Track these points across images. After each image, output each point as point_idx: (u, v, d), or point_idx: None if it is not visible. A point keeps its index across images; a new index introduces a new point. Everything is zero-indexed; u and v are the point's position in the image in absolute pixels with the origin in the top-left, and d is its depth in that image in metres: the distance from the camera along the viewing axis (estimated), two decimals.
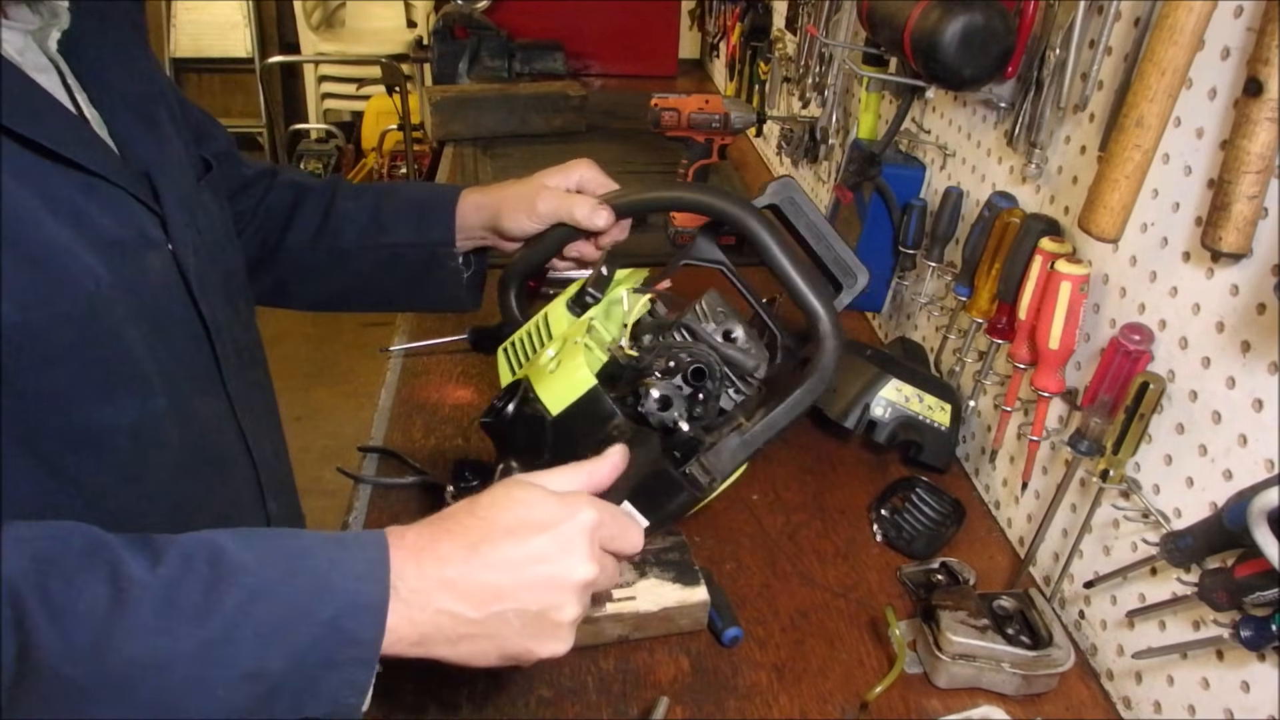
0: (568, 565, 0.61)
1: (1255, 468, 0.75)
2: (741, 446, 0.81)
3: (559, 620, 0.62)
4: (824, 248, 0.94)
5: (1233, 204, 0.71)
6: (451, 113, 2.30)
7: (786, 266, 0.84)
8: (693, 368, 0.81)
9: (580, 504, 0.63)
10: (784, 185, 0.94)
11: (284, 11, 4.54)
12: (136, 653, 0.52)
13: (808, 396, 0.81)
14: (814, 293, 0.84)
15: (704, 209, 0.89)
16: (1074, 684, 0.92)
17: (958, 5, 1.01)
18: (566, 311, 0.89)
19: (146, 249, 0.74)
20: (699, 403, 0.82)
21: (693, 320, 0.86)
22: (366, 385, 3.39)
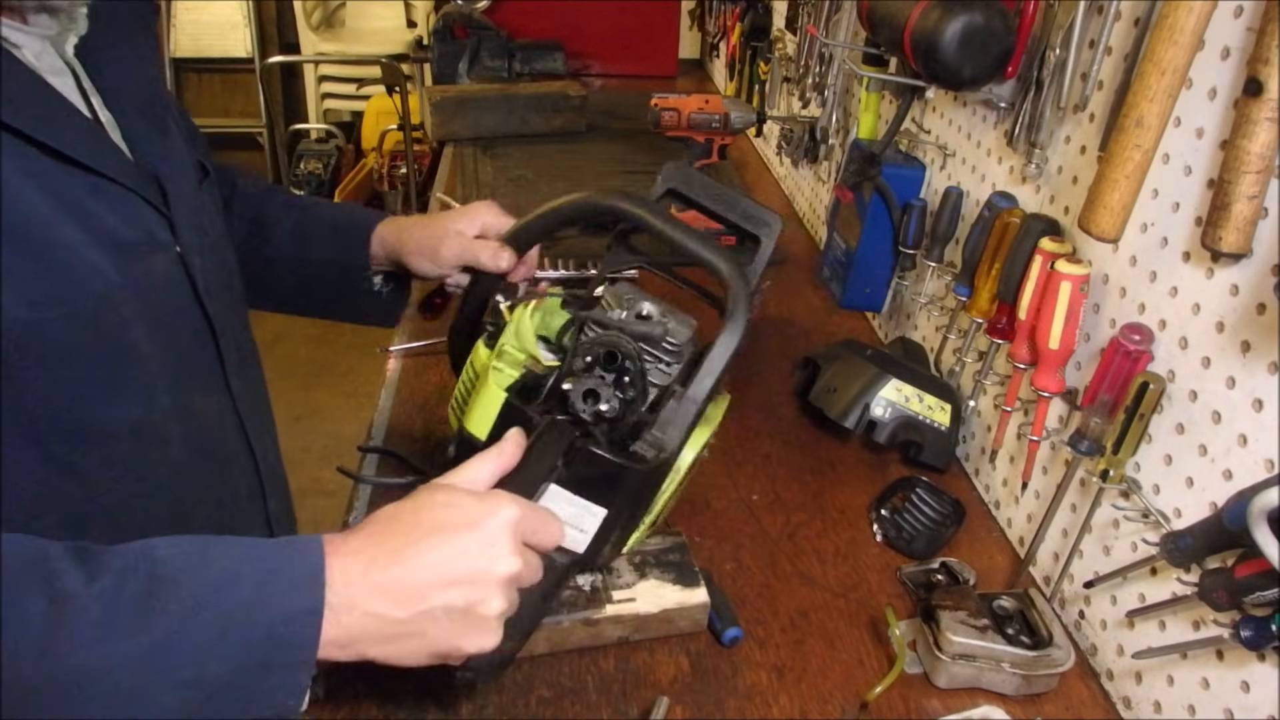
0: (490, 560, 0.63)
1: (1255, 468, 0.75)
2: (681, 409, 0.81)
3: (485, 614, 0.63)
4: (729, 208, 0.97)
5: (1233, 204, 0.71)
6: (451, 113, 2.30)
7: (673, 233, 0.87)
8: (605, 352, 0.82)
9: (500, 502, 0.65)
10: (670, 167, 0.99)
11: (284, 11, 4.54)
12: (76, 663, 0.53)
13: (731, 340, 0.82)
14: (706, 247, 0.86)
15: (587, 209, 0.92)
16: (1074, 684, 0.92)
17: (958, 5, 1.01)
18: (484, 348, 0.91)
19: (154, 250, 0.76)
20: (626, 385, 0.82)
21: (598, 313, 0.88)
22: (366, 385, 3.39)
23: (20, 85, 0.66)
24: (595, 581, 0.93)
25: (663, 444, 0.81)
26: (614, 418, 0.80)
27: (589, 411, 0.80)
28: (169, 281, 0.77)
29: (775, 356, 1.44)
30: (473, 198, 1.94)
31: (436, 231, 1.03)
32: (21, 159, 0.64)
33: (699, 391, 0.81)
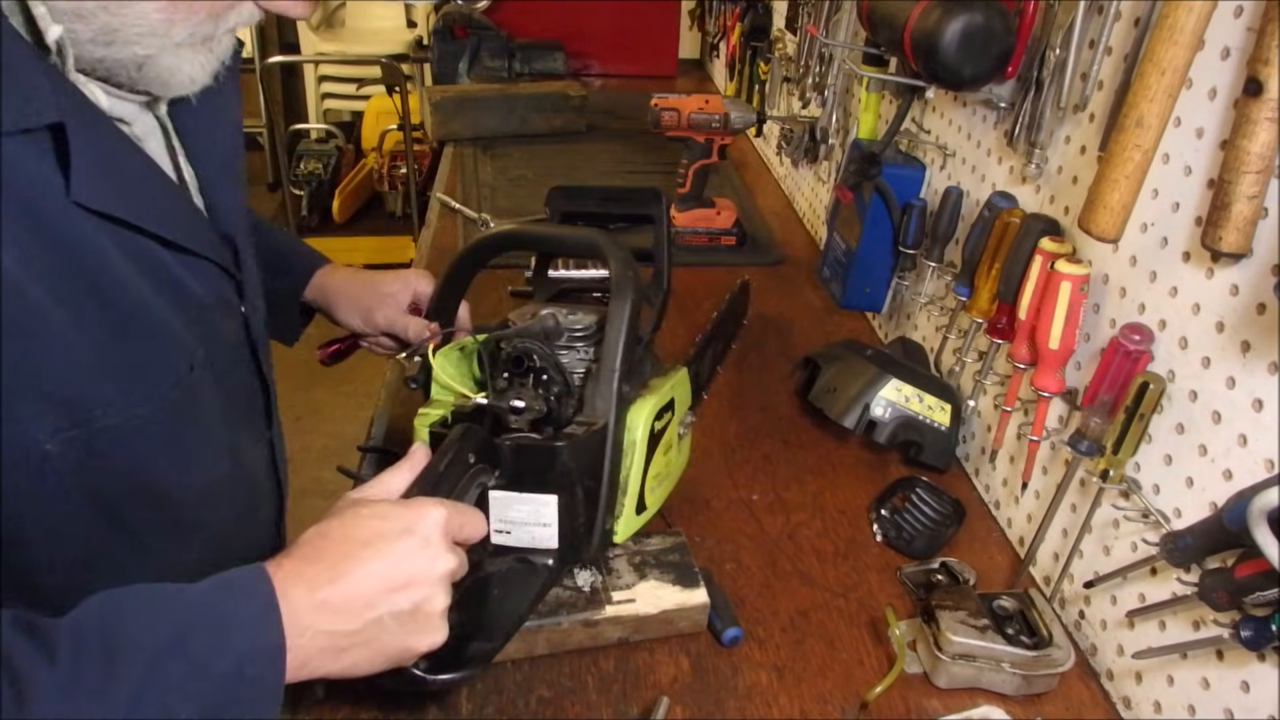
0: (429, 561, 0.65)
1: (1255, 468, 0.75)
2: (600, 381, 0.84)
3: (430, 612, 0.66)
4: (615, 202, 1.06)
5: (1233, 204, 0.71)
6: (451, 113, 2.30)
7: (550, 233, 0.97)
8: (512, 356, 0.85)
9: (426, 505, 0.68)
10: (553, 194, 1.07)
11: None
12: None
13: (622, 306, 0.85)
14: (575, 233, 0.96)
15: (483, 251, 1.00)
16: (1074, 684, 0.92)
17: (958, 5, 1.01)
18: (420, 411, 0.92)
19: (226, 313, 0.79)
20: (547, 383, 0.85)
21: (500, 329, 0.92)
22: (366, 385, 3.38)
23: (126, 174, 0.67)
24: (595, 582, 0.93)
25: (592, 418, 0.83)
26: (547, 415, 0.83)
27: (522, 421, 0.82)
28: (234, 344, 0.80)
29: (775, 356, 1.44)
30: (473, 198, 1.94)
31: (372, 293, 1.11)
32: (121, 239, 0.65)
33: (609, 360, 0.84)
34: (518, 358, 0.86)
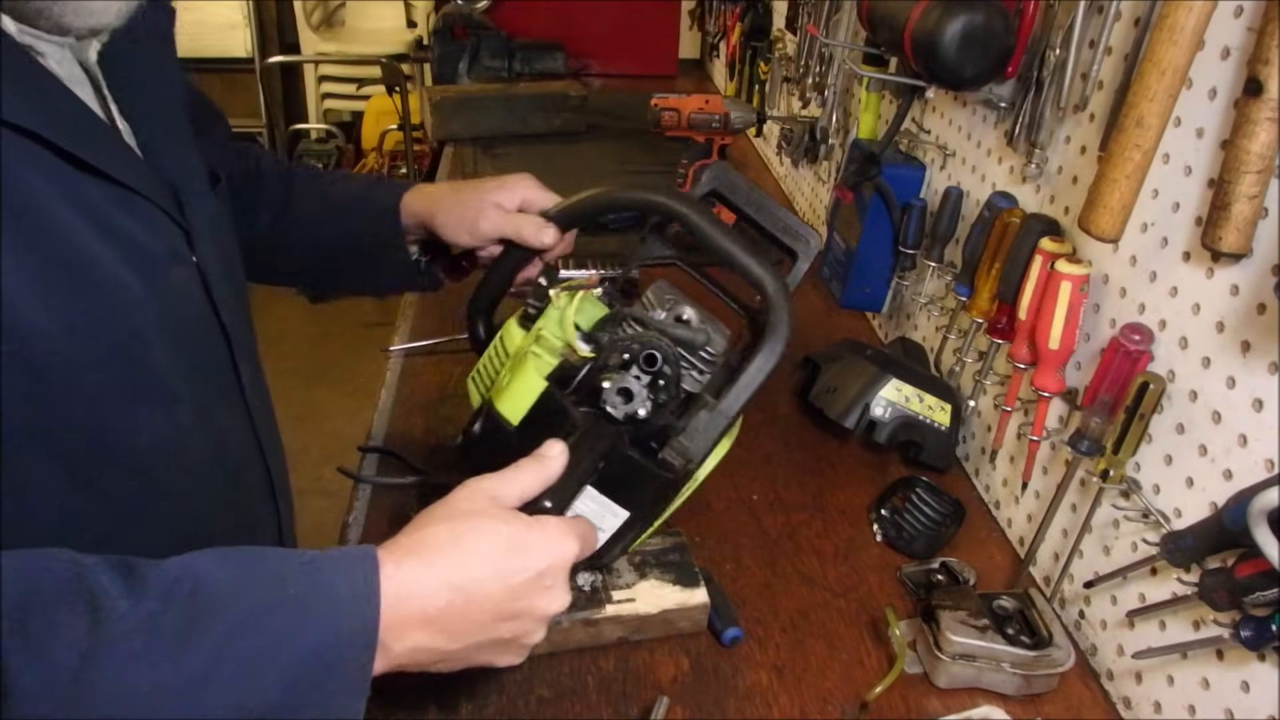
0: (545, 603, 0.64)
1: (1255, 468, 0.75)
2: (711, 422, 0.81)
3: (526, 644, 0.66)
4: (769, 218, 0.96)
5: (1233, 204, 0.71)
6: (451, 113, 2.30)
7: (723, 241, 0.86)
8: (644, 354, 0.82)
9: (559, 539, 0.65)
10: (717, 168, 0.97)
11: (284, 11, 4.54)
12: (117, 690, 0.51)
13: (769, 360, 0.82)
14: (755, 260, 0.85)
15: (638, 205, 0.91)
16: (1074, 684, 0.92)
17: (958, 5, 1.01)
18: (519, 328, 0.90)
19: (174, 263, 0.75)
20: (660, 389, 0.82)
21: (639, 310, 0.88)
22: (366, 385, 3.38)
23: (47, 96, 0.65)
24: (595, 581, 0.93)
25: (689, 453, 0.81)
26: (642, 419, 0.81)
27: (621, 410, 0.80)
28: (187, 294, 0.77)
29: None
30: None
31: (473, 203, 1.00)
32: (50, 171, 0.63)
33: (731, 406, 0.81)
34: (651, 355, 0.83)
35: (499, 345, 0.91)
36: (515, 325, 0.90)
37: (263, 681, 0.54)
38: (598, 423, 0.78)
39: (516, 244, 0.97)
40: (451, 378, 1.36)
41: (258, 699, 0.54)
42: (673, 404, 0.83)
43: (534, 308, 0.89)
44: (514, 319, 0.91)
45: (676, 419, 0.82)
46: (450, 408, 1.28)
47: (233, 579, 0.56)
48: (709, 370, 0.87)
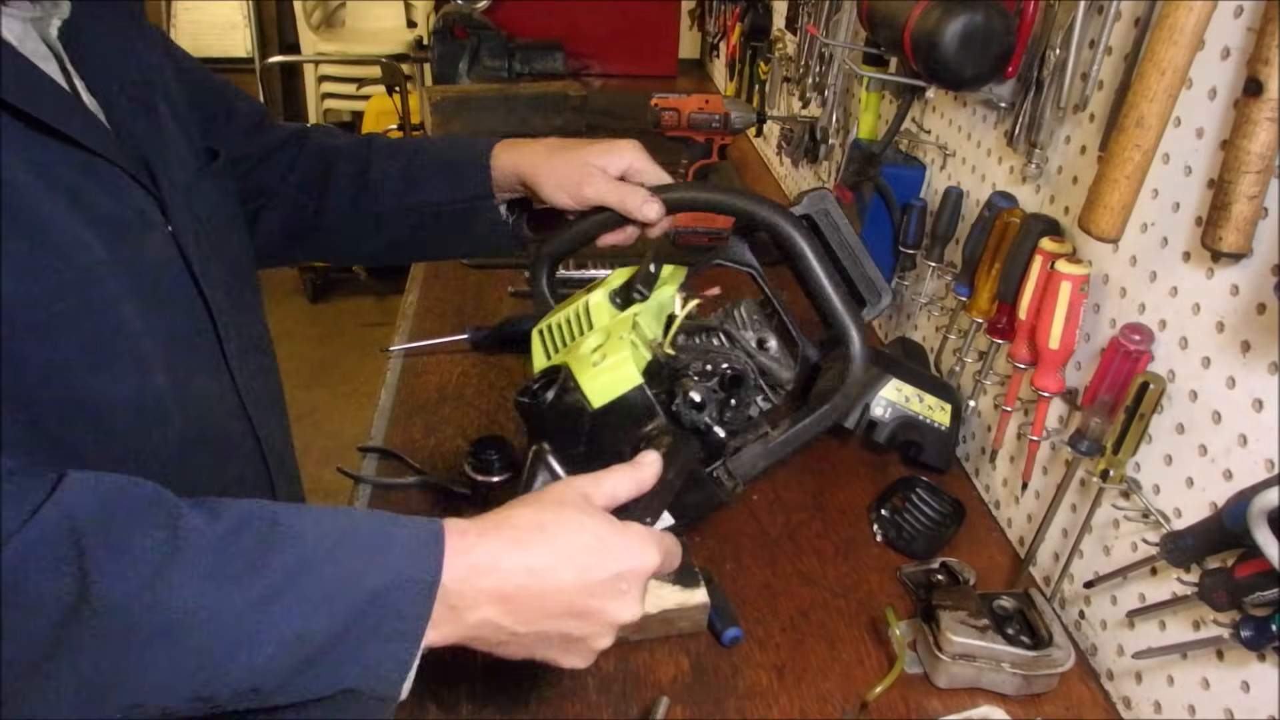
0: (618, 608, 0.64)
1: (1255, 468, 0.75)
2: (764, 454, 0.83)
3: (594, 647, 0.66)
4: (853, 264, 0.96)
5: (1233, 204, 0.71)
6: (451, 113, 2.30)
7: (824, 282, 0.85)
8: (731, 375, 0.82)
9: (642, 546, 0.65)
10: (820, 197, 0.96)
11: (284, 11, 4.54)
12: (187, 601, 0.53)
13: (832, 413, 0.83)
14: (847, 311, 0.85)
15: (748, 215, 0.90)
16: (1074, 684, 0.92)
17: (958, 5, 1.01)
18: (608, 303, 0.89)
19: (146, 229, 0.74)
20: (731, 408, 0.83)
21: (732, 326, 0.88)
22: (366, 385, 3.39)
23: (4, 60, 0.64)
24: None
25: (741, 476, 0.82)
26: (703, 431, 0.81)
27: (688, 417, 0.80)
28: (162, 262, 0.76)
29: None
30: None
31: (577, 166, 0.97)
32: (7, 134, 0.63)
33: (785, 446, 0.83)
34: (737, 377, 0.84)
35: (582, 311, 0.90)
36: (604, 298, 0.89)
37: (323, 615, 0.56)
38: (685, 436, 0.78)
39: (616, 211, 0.95)
40: (451, 378, 1.36)
41: (315, 631, 0.56)
42: (735, 424, 0.84)
43: (639, 293, 0.88)
44: (603, 290, 0.90)
45: (731, 438, 0.83)
46: (450, 408, 1.28)
47: (307, 520, 0.59)
48: (774, 401, 0.89)
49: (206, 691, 0.55)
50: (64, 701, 0.53)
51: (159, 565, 0.53)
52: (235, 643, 0.54)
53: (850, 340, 0.84)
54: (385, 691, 0.59)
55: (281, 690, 0.56)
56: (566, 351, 0.89)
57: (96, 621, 0.52)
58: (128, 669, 0.53)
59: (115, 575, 0.52)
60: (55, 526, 0.52)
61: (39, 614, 0.51)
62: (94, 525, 0.53)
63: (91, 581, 0.52)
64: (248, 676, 0.55)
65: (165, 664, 0.53)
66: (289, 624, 0.55)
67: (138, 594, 0.52)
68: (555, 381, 0.83)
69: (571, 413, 0.82)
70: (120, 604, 0.52)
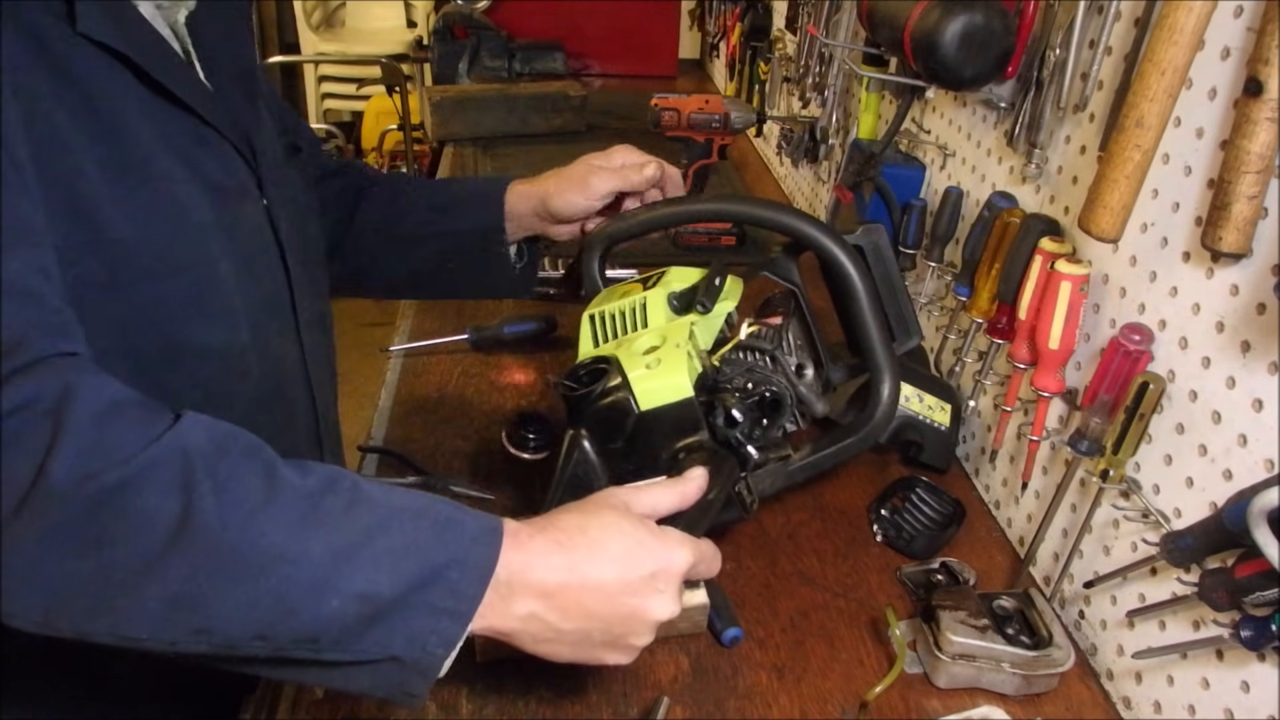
0: (655, 605, 0.67)
1: (1255, 468, 0.75)
2: (783, 477, 0.85)
3: (634, 645, 0.69)
4: (891, 300, 0.98)
5: (1233, 204, 0.71)
6: (451, 113, 2.30)
7: (869, 318, 0.87)
8: (772, 400, 0.83)
9: (677, 547, 0.69)
10: (874, 230, 0.99)
11: (284, 11, 4.54)
12: (276, 543, 0.58)
13: (854, 448, 0.85)
14: (884, 352, 0.87)
15: (809, 241, 0.91)
16: (1074, 684, 0.92)
17: (958, 5, 1.01)
18: (665, 305, 0.90)
19: (245, 199, 0.83)
20: (762, 427, 0.84)
21: (780, 352, 0.88)
22: (366, 385, 3.38)
23: (133, 25, 0.72)
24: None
25: (758, 493, 0.84)
26: (732, 445, 0.82)
27: (723, 432, 0.81)
28: (256, 229, 0.84)
29: None
30: None
31: (580, 169, 1.08)
32: (131, 92, 0.70)
33: (804, 471, 0.85)
34: (777, 401, 0.85)
35: (638, 307, 0.91)
36: (663, 299, 0.90)
37: (389, 578, 0.59)
38: (726, 456, 0.80)
39: (629, 193, 1.04)
40: (451, 378, 1.36)
41: (380, 591, 0.59)
42: (763, 442, 0.86)
43: (703, 305, 0.90)
44: (661, 291, 0.92)
45: (755, 454, 0.85)
46: (450, 408, 1.28)
47: (385, 491, 0.64)
48: (801, 425, 0.91)
49: (270, 631, 0.58)
50: (146, 615, 0.56)
51: (256, 506, 0.58)
52: (310, 588, 0.58)
53: (882, 382, 0.86)
54: (427, 665, 0.61)
55: (336, 645, 0.59)
56: (617, 345, 0.89)
57: (193, 546, 0.56)
58: (209, 596, 0.56)
59: (217, 507, 0.56)
60: (172, 453, 0.57)
61: (147, 531, 0.55)
62: (205, 460, 0.58)
63: (196, 509, 0.56)
64: (311, 624, 0.58)
65: (243, 597, 0.57)
66: (359, 580, 0.59)
67: (234, 527, 0.57)
68: (604, 374, 0.83)
69: (617, 409, 0.82)
70: (217, 534, 0.56)
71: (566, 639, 0.66)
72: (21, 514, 0.54)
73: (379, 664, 0.60)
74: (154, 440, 0.57)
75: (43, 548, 0.55)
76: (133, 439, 0.57)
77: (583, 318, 0.94)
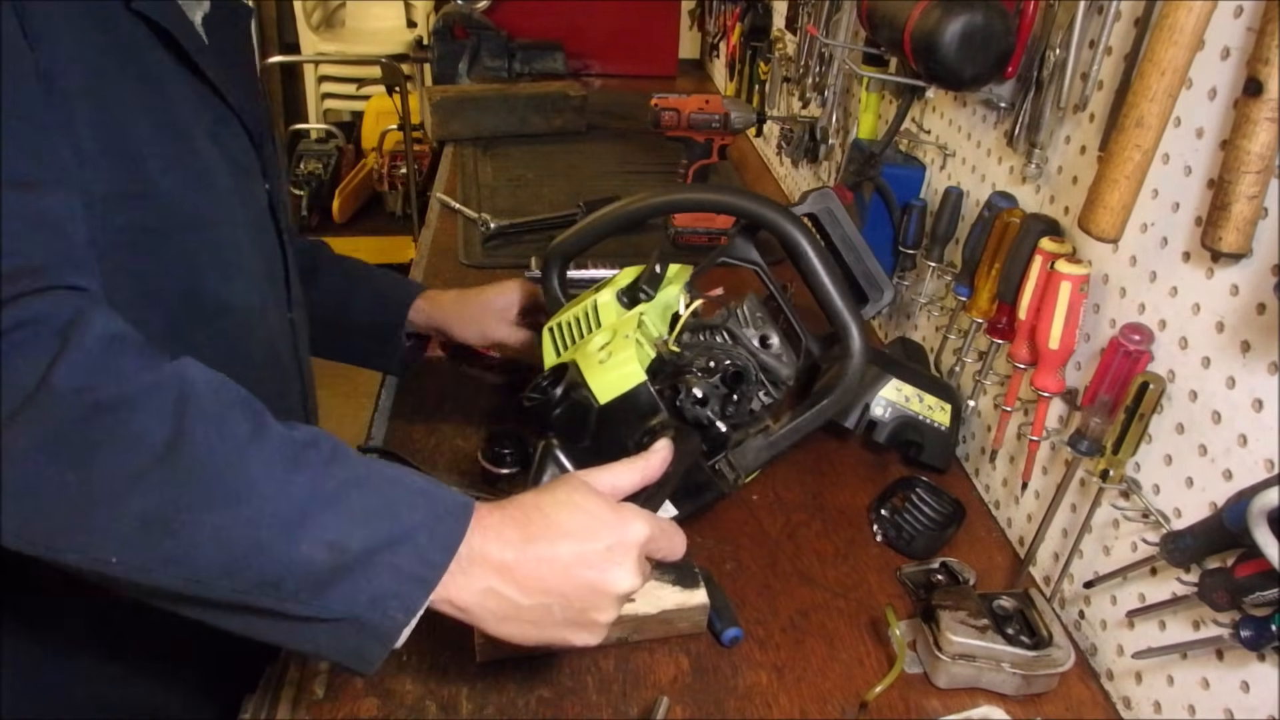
0: (614, 577, 0.67)
1: (1255, 468, 0.75)
2: (766, 448, 0.85)
3: (597, 620, 0.68)
4: (855, 260, 0.98)
5: (1233, 204, 0.71)
6: (451, 113, 2.30)
7: (825, 279, 0.88)
8: (733, 371, 0.84)
9: (634, 519, 0.69)
10: (823, 195, 0.98)
11: (284, 11, 4.53)
12: (257, 476, 0.60)
13: (832, 407, 0.85)
14: (847, 308, 0.88)
15: (751, 215, 0.92)
16: (1074, 684, 0.92)
17: (958, 5, 1.01)
18: (615, 302, 0.91)
19: (255, 180, 0.91)
20: (733, 403, 0.84)
21: (735, 325, 0.89)
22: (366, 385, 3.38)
23: (181, 18, 0.80)
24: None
25: (741, 469, 0.85)
26: (705, 426, 0.82)
27: (691, 412, 0.82)
28: (261, 206, 0.92)
29: None
30: (473, 198, 1.94)
31: (483, 314, 1.21)
32: (173, 67, 0.78)
33: (785, 440, 0.85)
34: (739, 374, 0.85)
35: (590, 310, 0.92)
36: (612, 297, 0.92)
37: (360, 532, 0.61)
38: (684, 430, 0.80)
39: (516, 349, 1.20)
40: (452, 377, 1.36)
41: (350, 542, 0.60)
42: (737, 418, 0.86)
43: (645, 294, 0.91)
44: (610, 289, 0.93)
45: (733, 432, 0.86)
46: (450, 408, 1.28)
47: (363, 458, 0.66)
48: (776, 396, 0.91)
49: (238, 567, 0.59)
50: (120, 535, 0.58)
51: (243, 441, 0.60)
52: (282, 526, 0.59)
53: (850, 337, 0.86)
54: (387, 629, 0.62)
55: (297, 596, 0.60)
56: (575, 349, 0.90)
57: (178, 466, 0.58)
58: (186, 520, 0.58)
59: (205, 436, 0.59)
60: (169, 382, 0.60)
61: (136, 448, 0.58)
62: (199, 395, 0.61)
63: (186, 434, 0.58)
64: (278, 567, 0.59)
65: (218, 523, 0.58)
66: (331, 527, 0.60)
67: (220, 456, 0.59)
68: (563, 379, 0.84)
69: (579, 408, 0.83)
70: (203, 459, 0.59)
71: (526, 615, 0.66)
72: (18, 419, 0.56)
73: (339, 623, 0.61)
74: (155, 369, 0.60)
75: (33, 454, 0.56)
76: (136, 364, 0.60)
77: (544, 332, 0.96)
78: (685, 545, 0.73)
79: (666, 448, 0.76)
